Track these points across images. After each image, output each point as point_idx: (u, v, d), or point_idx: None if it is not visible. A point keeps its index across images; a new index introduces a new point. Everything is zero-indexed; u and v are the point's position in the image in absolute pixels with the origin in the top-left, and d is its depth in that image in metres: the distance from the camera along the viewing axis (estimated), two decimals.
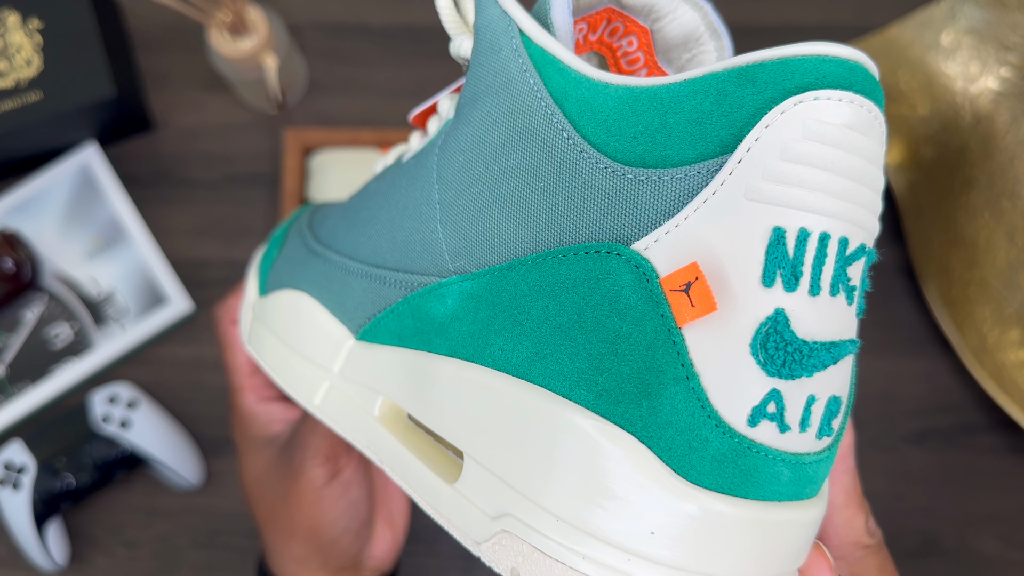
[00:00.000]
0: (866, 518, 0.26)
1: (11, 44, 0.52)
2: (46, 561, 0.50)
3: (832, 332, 0.19)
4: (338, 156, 0.52)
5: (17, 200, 0.55)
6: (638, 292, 0.19)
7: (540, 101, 0.21)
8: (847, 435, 0.25)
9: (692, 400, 0.19)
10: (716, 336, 0.19)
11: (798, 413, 0.19)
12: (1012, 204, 0.50)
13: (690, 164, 0.19)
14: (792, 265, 0.18)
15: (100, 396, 0.51)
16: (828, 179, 0.18)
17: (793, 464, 0.19)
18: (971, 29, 0.51)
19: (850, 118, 0.18)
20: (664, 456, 0.19)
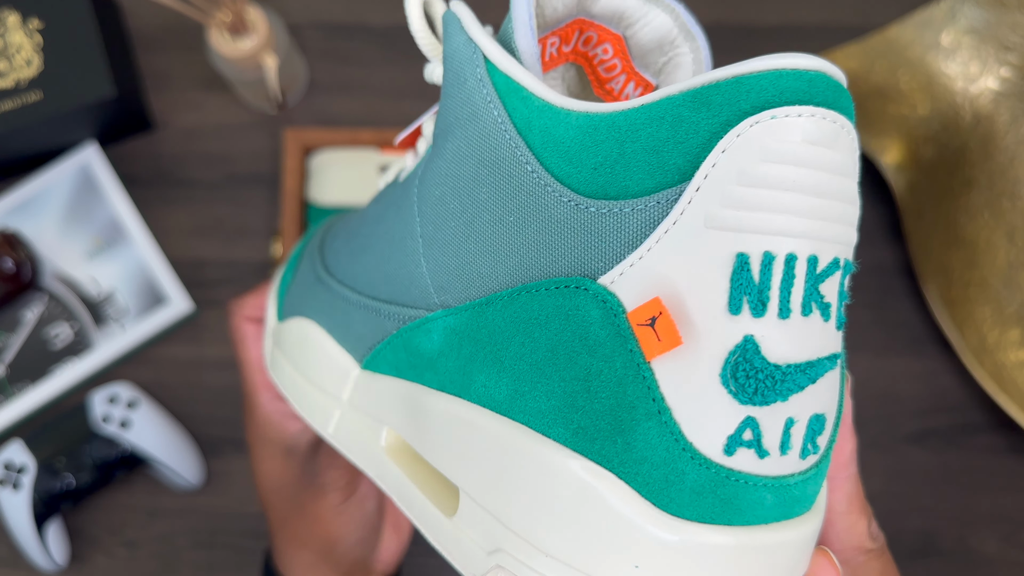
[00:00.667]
0: (868, 522, 0.26)
1: (11, 44, 0.52)
2: (46, 561, 0.50)
3: (807, 352, 0.19)
4: (338, 156, 0.52)
5: (17, 200, 0.55)
6: (606, 328, 0.19)
7: (504, 133, 0.21)
8: (847, 442, 0.25)
9: (666, 434, 0.19)
10: (686, 368, 0.19)
11: (776, 437, 0.19)
12: (1012, 204, 0.50)
13: (650, 195, 0.19)
14: (758, 290, 0.18)
15: (100, 396, 0.51)
16: (791, 199, 0.18)
17: (776, 488, 0.19)
18: (971, 29, 0.51)
19: (812, 133, 0.18)
20: (643, 491, 0.19)
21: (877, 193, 0.56)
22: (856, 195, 0.19)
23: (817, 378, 0.19)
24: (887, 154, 0.53)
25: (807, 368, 0.19)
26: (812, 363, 0.19)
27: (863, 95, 0.54)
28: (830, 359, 0.19)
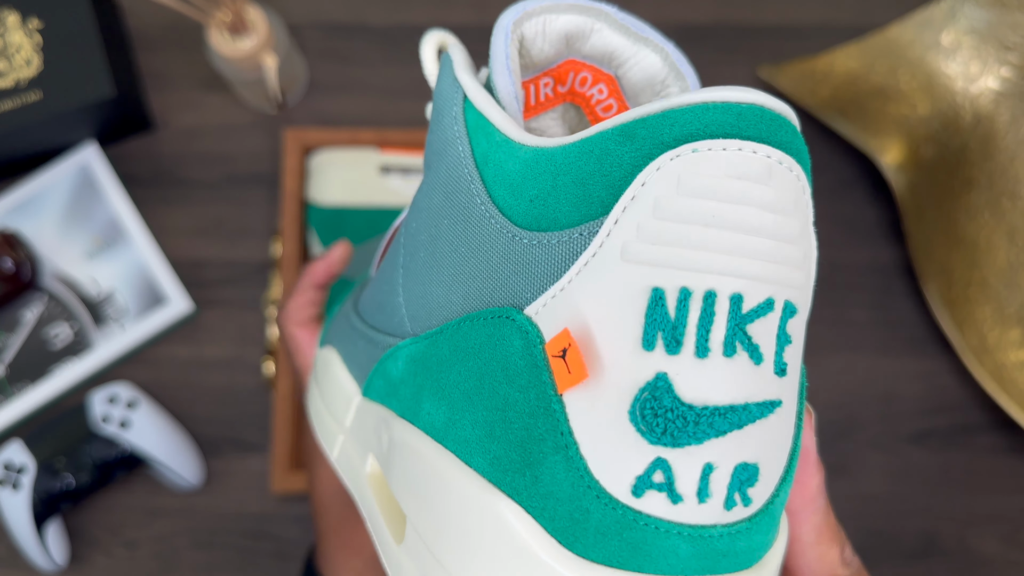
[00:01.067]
0: (841, 550, 0.26)
1: (11, 44, 0.52)
2: (46, 561, 0.50)
3: (729, 396, 0.18)
4: (338, 156, 0.52)
5: (17, 200, 0.55)
6: (525, 358, 0.19)
7: (464, 167, 0.21)
8: (812, 477, 0.24)
9: (572, 470, 0.18)
10: (596, 403, 0.18)
11: (692, 483, 0.18)
12: (1012, 204, 0.50)
13: (575, 227, 0.18)
14: (673, 327, 0.17)
15: (100, 396, 0.51)
16: (711, 235, 0.17)
17: (694, 538, 0.18)
18: (971, 29, 0.51)
19: (737, 167, 0.17)
20: (549, 527, 0.19)
21: (877, 193, 0.56)
22: (799, 234, 0.18)
23: (743, 425, 0.18)
24: (887, 154, 0.53)
25: (728, 412, 0.18)
26: (735, 408, 0.18)
27: (863, 95, 0.54)
28: (762, 406, 0.18)
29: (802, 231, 0.18)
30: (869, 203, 0.56)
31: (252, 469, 0.53)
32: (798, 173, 0.18)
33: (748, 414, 0.18)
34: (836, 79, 0.54)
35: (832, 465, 0.53)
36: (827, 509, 0.25)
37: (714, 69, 0.57)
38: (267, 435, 0.53)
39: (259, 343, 0.54)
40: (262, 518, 0.52)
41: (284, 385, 0.51)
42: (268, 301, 0.53)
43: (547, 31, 0.23)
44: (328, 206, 0.52)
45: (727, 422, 0.18)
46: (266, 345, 0.54)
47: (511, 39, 0.22)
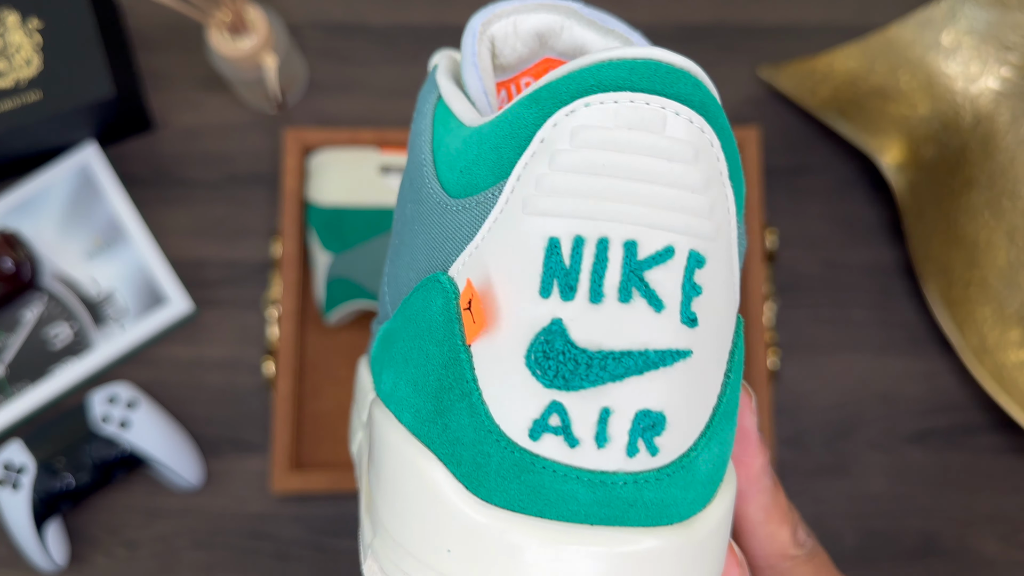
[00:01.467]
0: (793, 530, 0.26)
1: (11, 44, 0.52)
2: (46, 561, 0.50)
3: (624, 341, 0.18)
4: (338, 156, 0.52)
5: (17, 200, 0.55)
6: (443, 314, 0.20)
7: (424, 154, 0.22)
8: (756, 458, 0.24)
9: (474, 415, 0.19)
10: (496, 351, 0.19)
11: (589, 427, 0.18)
12: (1012, 204, 0.50)
13: (488, 188, 0.19)
14: (566, 273, 0.18)
15: (100, 396, 0.51)
16: (603, 184, 0.18)
17: (593, 483, 0.18)
18: (971, 29, 0.51)
19: (627, 118, 0.18)
20: (457, 473, 0.19)
21: (877, 193, 0.56)
22: (703, 184, 0.18)
23: (643, 371, 0.18)
24: (887, 154, 0.53)
25: (623, 357, 0.18)
26: (631, 353, 0.18)
27: (863, 95, 0.54)
28: (663, 354, 0.18)
29: (707, 181, 0.19)
30: (869, 203, 0.56)
31: (252, 469, 0.53)
32: (700, 124, 0.18)
33: (646, 360, 0.18)
34: (836, 79, 0.54)
35: (832, 465, 0.53)
36: (775, 489, 0.25)
37: (714, 69, 0.57)
38: (267, 435, 0.53)
39: (259, 343, 0.54)
40: (262, 518, 0.52)
41: (284, 385, 0.51)
42: (268, 301, 0.54)
43: (518, 31, 0.24)
44: (328, 206, 0.52)
45: (622, 367, 0.18)
46: (266, 345, 0.54)
47: (481, 39, 0.22)
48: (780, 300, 0.55)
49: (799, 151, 0.56)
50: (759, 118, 0.57)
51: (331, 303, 0.51)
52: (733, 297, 0.20)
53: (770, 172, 0.56)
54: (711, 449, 0.20)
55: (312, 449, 0.53)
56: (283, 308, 0.52)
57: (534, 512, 0.19)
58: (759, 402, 0.51)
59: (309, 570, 0.52)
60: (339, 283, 0.51)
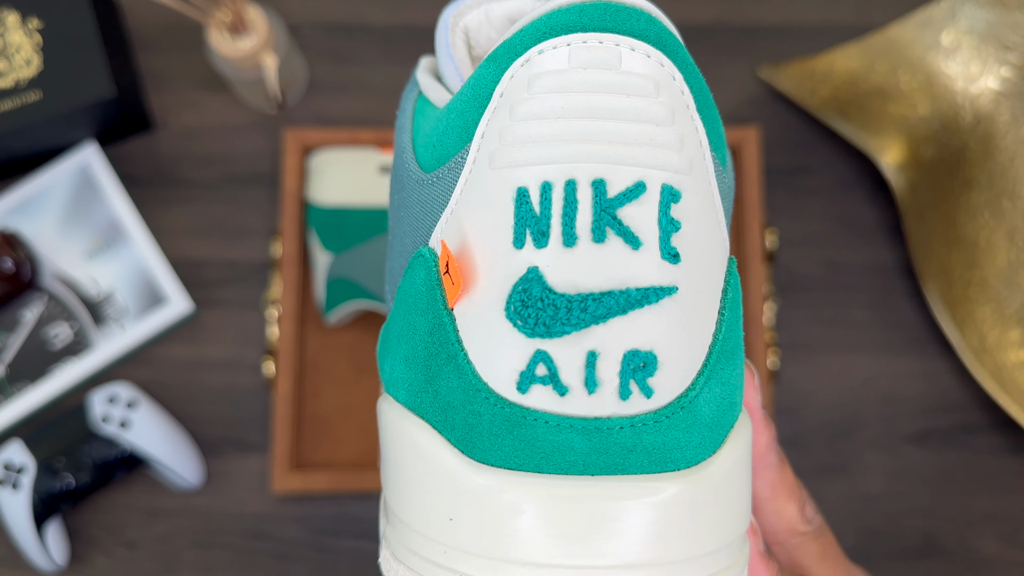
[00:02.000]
0: (800, 506, 0.26)
1: (10, 44, 0.52)
2: (45, 561, 0.50)
3: (602, 281, 0.18)
4: (338, 156, 0.52)
5: (17, 200, 0.55)
6: (427, 283, 0.20)
7: (404, 144, 0.22)
8: (761, 434, 0.24)
9: (462, 376, 0.19)
10: (477, 308, 0.18)
11: (577, 372, 0.18)
12: (1012, 204, 0.50)
13: (458, 153, 0.19)
14: (537, 220, 0.18)
15: (99, 396, 0.51)
16: (563, 126, 0.18)
17: (588, 431, 0.18)
18: (971, 29, 0.51)
19: (581, 59, 0.18)
20: (451, 438, 0.19)
21: (877, 193, 0.56)
22: (669, 116, 0.18)
23: (627, 310, 0.18)
24: (887, 154, 0.53)
25: (603, 297, 0.18)
26: (612, 293, 0.18)
27: (863, 95, 0.54)
28: (646, 291, 0.18)
29: (672, 114, 0.18)
30: (869, 203, 0.56)
31: (252, 469, 0.53)
32: (658, 58, 0.18)
33: (628, 299, 0.18)
34: (836, 79, 0.54)
35: (832, 465, 0.53)
36: (781, 466, 0.25)
37: (714, 69, 0.57)
38: (267, 435, 0.53)
39: (259, 343, 0.54)
40: (262, 518, 0.52)
41: (284, 385, 0.51)
42: (268, 301, 0.54)
43: (491, 19, 0.24)
44: (328, 206, 0.52)
45: (603, 307, 0.18)
46: (266, 345, 0.54)
47: (454, 31, 0.22)
48: (780, 300, 0.55)
49: (799, 151, 0.56)
50: (759, 118, 0.57)
51: (331, 303, 0.51)
52: (719, 234, 0.19)
53: (770, 172, 0.56)
54: (712, 389, 0.19)
55: (312, 449, 0.53)
56: (283, 308, 0.52)
57: (530, 468, 0.18)
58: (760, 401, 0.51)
59: (309, 570, 0.52)
60: (339, 283, 0.51)
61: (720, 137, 0.20)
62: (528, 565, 0.18)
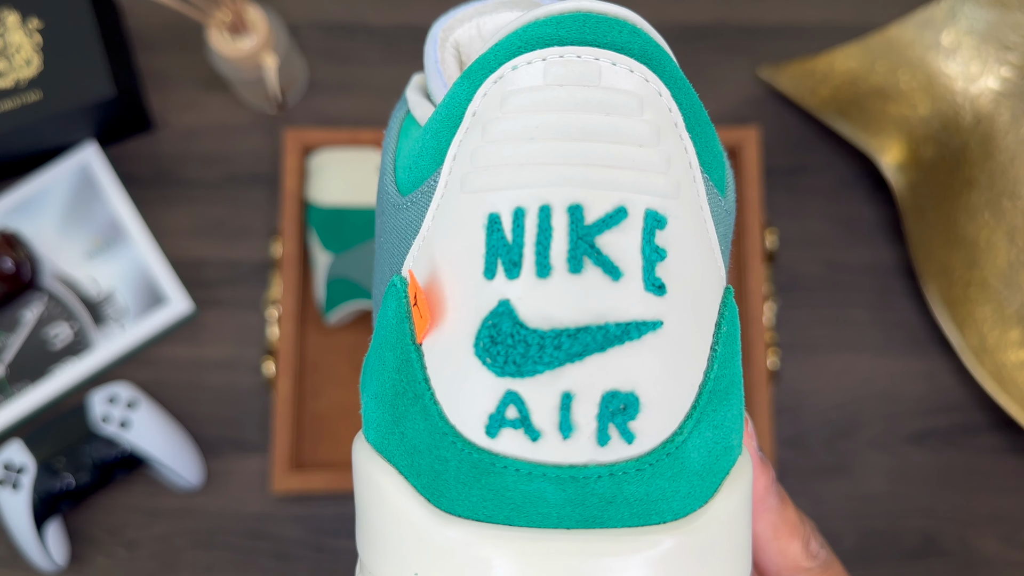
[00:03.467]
0: (804, 543, 0.25)
1: (11, 44, 0.52)
2: (46, 561, 0.50)
3: (579, 315, 0.16)
4: (338, 156, 0.52)
5: (17, 200, 0.55)
6: (397, 315, 0.18)
7: (386, 165, 0.21)
8: (760, 477, 0.22)
9: (428, 418, 0.17)
10: (446, 345, 0.17)
11: (550, 415, 0.16)
12: (1012, 204, 0.50)
13: (431, 176, 0.18)
14: (509, 249, 0.16)
15: (100, 396, 0.51)
16: (538, 148, 0.17)
17: (563, 479, 0.16)
18: (971, 29, 0.51)
19: (556, 75, 0.17)
20: (417, 485, 0.17)
21: (877, 193, 0.56)
22: (653, 136, 0.17)
23: (605, 347, 0.16)
24: (887, 154, 0.53)
25: (579, 333, 0.16)
26: (588, 329, 0.16)
27: (863, 95, 0.54)
28: (627, 326, 0.16)
29: (657, 133, 0.17)
30: (869, 203, 0.56)
31: (252, 469, 0.53)
32: (643, 73, 0.17)
33: (606, 335, 0.16)
34: (836, 79, 0.54)
35: (832, 465, 0.53)
36: (782, 506, 0.24)
37: (714, 69, 0.57)
38: (267, 435, 0.53)
39: (259, 343, 0.54)
40: (262, 518, 0.52)
41: (284, 385, 0.51)
42: (268, 301, 0.54)
43: (483, 33, 0.22)
44: (328, 206, 0.52)
45: (579, 344, 0.16)
46: (266, 345, 0.54)
47: (443, 46, 0.21)
48: (780, 300, 0.55)
49: (799, 151, 0.56)
50: (759, 118, 0.57)
51: (331, 303, 0.51)
52: (713, 263, 0.18)
53: (770, 172, 0.56)
54: (702, 433, 0.17)
55: (312, 449, 0.53)
56: (283, 308, 0.52)
57: (500, 520, 0.17)
58: (759, 402, 0.51)
59: (309, 570, 0.52)
60: (339, 283, 0.51)
61: (717, 159, 0.19)
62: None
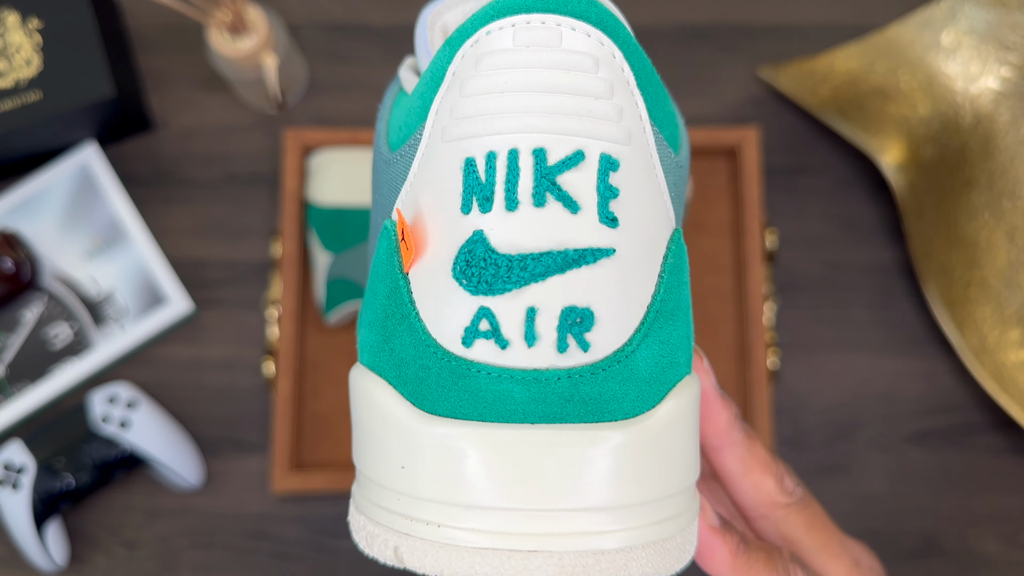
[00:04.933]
0: (778, 479, 0.26)
1: (11, 44, 0.52)
2: (45, 561, 0.49)
3: (542, 242, 0.19)
4: (338, 156, 0.52)
5: (17, 200, 0.55)
6: (387, 251, 0.21)
7: (380, 132, 0.24)
8: (721, 412, 0.25)
9: (414, 333, 0.20)
10: (428, 271, 0.20)
11: (517, 327, 0.19)
12: (1012, 204, 0.50)
13: (417, 130, 0.21)
14: (482, 187, 0.19)
15: (99, 396, 0.51)
16: (507, 100, 0.19)
17: (527, 381, 0.19)
18: (971, 29, 0.51)
19: (523, 38, 0.19)
20: (404, 391, 0.20)
21: (877, 193, 0.56)
22: (608, 90, 0.20)
23: (565, 269, 0.19)
24: (887, 154, 0.53)
25: (542, 257, 0.19)
26: (550, 253, 0.19)
27: (863, 95, 0.54)
28: (583, 252, 0.19)
29: (611, 88, 0.20)
30: (869, 203, 0.56)
31: (252, 469, 0.53)
32: (598, 37, 0.20)
33: (565, 258, 0.19)
34: (836, 79, 0.54)
35: (832, 465, 0.53)
36: (749, 441, 0.26)
37: (714, 69, 0.57)
38: (267, 435, 0.53)
39: (259, 343, 0.54)
40: (262, 518, 0.52)
41: (284, 385, 0.51)
42: (268, 301, 0.54)
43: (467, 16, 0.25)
44: (328, 206, 0.52)
45: (541, 266, 0.19)
46: (266, 345, 0.54)
47: (432, 29, 0.24)
48: (780, 300, 0.55)
49: (799, 151, 0.56)
50: (759, 118, 0.57)
51: (331, 303, 0.51)
52: (662, 205, 0.21)
53: (770, 172, 0.56)
54: (650, 347, 0.20)
55: (312, 449, 0.53)
56: (283, 308, 0.52)
57: (474, 417, 0.19)
58: (759, 402, 0.51)
59: (309, 570, 0.52)
60: (339, 283, 0.51)
61: (668, 117, 0.21)
62: (472, 508, 0.19)
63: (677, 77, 0.57)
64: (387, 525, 0.20)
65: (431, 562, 0.19)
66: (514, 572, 0.19)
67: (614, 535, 0.19)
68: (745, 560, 0.24)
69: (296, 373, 0.52)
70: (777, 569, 0.24)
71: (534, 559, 0.19)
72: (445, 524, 0.19)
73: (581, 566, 0.19)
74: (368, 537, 0.21)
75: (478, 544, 0.19)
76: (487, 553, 0.19)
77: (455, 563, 0.19)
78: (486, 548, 0.19)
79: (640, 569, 0.20)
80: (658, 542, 0.20)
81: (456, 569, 0.19)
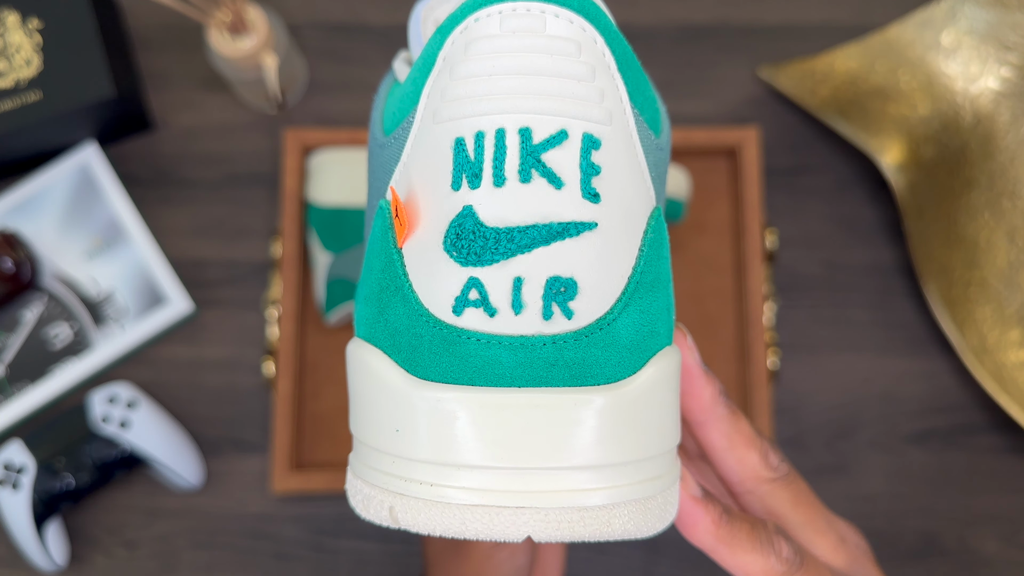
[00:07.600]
0: (762, 454, 0.26)
1: (11, 44, 0.52)
2: (45, 561, 0.50)
3: (527, 215, 0.20)
4: (338, 156, 0.52)
5: (17, 200, 0.55)
6: (382, 229, 0.22)
7: (375, 120, 0.25)
8: (705, 388, 0.26)
9: (407, 304, 0.21)
10: (420, 245, 0.21)
11: (504, 296, 0.20)
12: (1012, 204, 0.50)
13: (410, 114, 0.22)
14: (471, 165, 0.20)
15: (99, 396, 0.51)
16: (494, 83, 0.20)
17: (514, 347, 0.20)
18: (971, 29, 0.51)
19: (510, 24, 0.21)
20: (398, 359, 0.21)
21: (877, 193, 0.56)
22: (589, 74, 0.21)
23: (550, 241, 0.20)
24: (887, 154, 0.53)
25: (528, 230, 0.20)
26: (536, 226, 0.20)
27: (863, 95, 0.54)
28: (567, 225, 0.20)
29: (593, 71, 0.21)
30: (869, 203, 0.56)
31: (252, 469, 0.53)
32: (581, 24, 0.21)
33: (550, 231, 0.20)
34: (836, 79, 0.54)
35: (832, 465, 0.53)
36: (733, 417, 0.26)
37: (714, 69, 0.57)
38: (267, 435, 0.53)
39: (259, 343, 0.54)
40: (262, 518, 0.52)
41: (284, 385, 0.51)
42: (268, 301, 0.54)
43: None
44: (328, 206, 0.52)
45: (527, 238, 0.20)
46: (266, 345, 0.54)
47: (425, 22, 0.24)
48: (780, 300, 0.55)
49: (799, 151, 0.56)
50: (759, 118, 0.57)
51: (331, 303, 0.51)
52: (642, 184, 0.22)
53: (770, 172, 0.56)
54: (631, 315, 0.21)
55: (312, 449, 0.53)
56: (283, 308, 0.52)
57: (464, 381, 0.21)
58: (759, 402, 0.51)
59: (309, 570, 0.52)
60: (339, 283, 0.51)
61: (649, 101, 0.22)
62: (463, 467, 0.20)
63: (677, 77, 0.57)
64: (383, 487, 0.21)
65: (424, 520, 0.21)
66: (503, 527, 0.20)
67: (598, 492, 0.20)
68: (728, 530, 0.24)
69: (296, 373, 0.52)
70: (760, 539, 0.25)
71: (522, 515, 0.20)
72: (438, 483, 0.20)
73: (567, 522, 0.20)
74: (364, 500, 0.22)
75: (469, 501, 0.20)
76: (477, 510, 0.20)
77: (447, 520, 0.20)
78: (476, 505, 0.20)
79: (623, 526, 0.21)
80: (640, 500, 0.21)
81: (448, 526, 0.20)
